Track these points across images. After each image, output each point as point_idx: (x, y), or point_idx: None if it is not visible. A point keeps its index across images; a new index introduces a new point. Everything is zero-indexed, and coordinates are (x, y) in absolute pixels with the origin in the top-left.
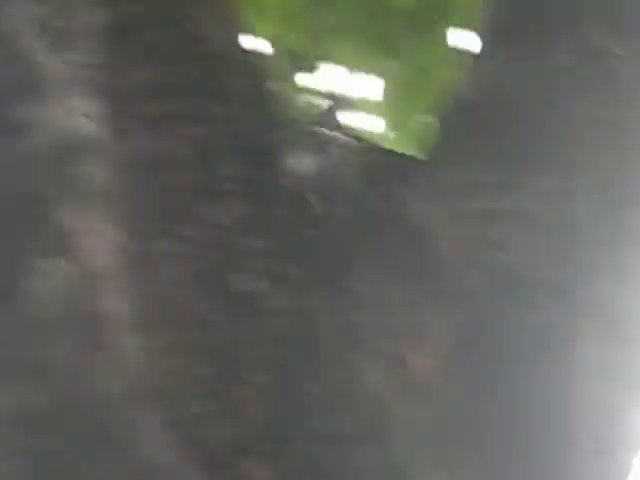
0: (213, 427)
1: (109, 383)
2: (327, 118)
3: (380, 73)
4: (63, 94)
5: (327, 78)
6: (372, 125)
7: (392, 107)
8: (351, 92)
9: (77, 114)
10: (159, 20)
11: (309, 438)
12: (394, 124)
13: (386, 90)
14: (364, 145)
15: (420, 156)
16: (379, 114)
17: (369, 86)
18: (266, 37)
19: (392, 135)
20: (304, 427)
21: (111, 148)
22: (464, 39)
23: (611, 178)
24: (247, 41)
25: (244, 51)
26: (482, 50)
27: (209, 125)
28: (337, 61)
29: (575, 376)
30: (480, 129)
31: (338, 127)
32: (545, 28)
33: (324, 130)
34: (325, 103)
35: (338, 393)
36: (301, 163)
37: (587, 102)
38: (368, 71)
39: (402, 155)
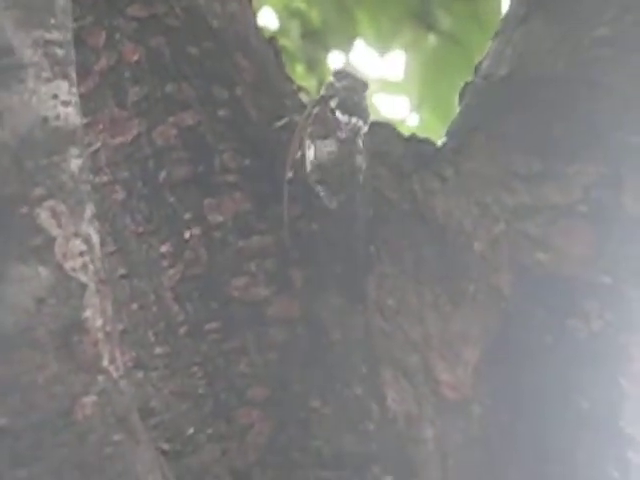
0: (212, 453)
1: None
2: (343, 100)
3: (410, 47)
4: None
5: (347, 55)
6: (393, 106)
7: (419, 84)
8: (372, 70)
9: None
10: None
11: (317, 464)
12: (419, 103)
13: (413, 65)
14: (382, 130)
15: (446, 143)
16: (402, 93)
17: (391, 62)
18: (277, 9)
19: (417, 116)
20: (311, 451)
21: (95, 139)
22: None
23: None
24: (256, 15)
25: (252, 27)
26: (514, 17)
27: (206, 111)
28: (360, 35)
29: (626, 391)
30: (512, 111)
31: (354, 110)
32: None
33: (337, 114)
34: (341, 84)
35: (353, 412)
36: (309, 151)
37: (631, 78)
38: (395, 46)
39: (426, 141)
